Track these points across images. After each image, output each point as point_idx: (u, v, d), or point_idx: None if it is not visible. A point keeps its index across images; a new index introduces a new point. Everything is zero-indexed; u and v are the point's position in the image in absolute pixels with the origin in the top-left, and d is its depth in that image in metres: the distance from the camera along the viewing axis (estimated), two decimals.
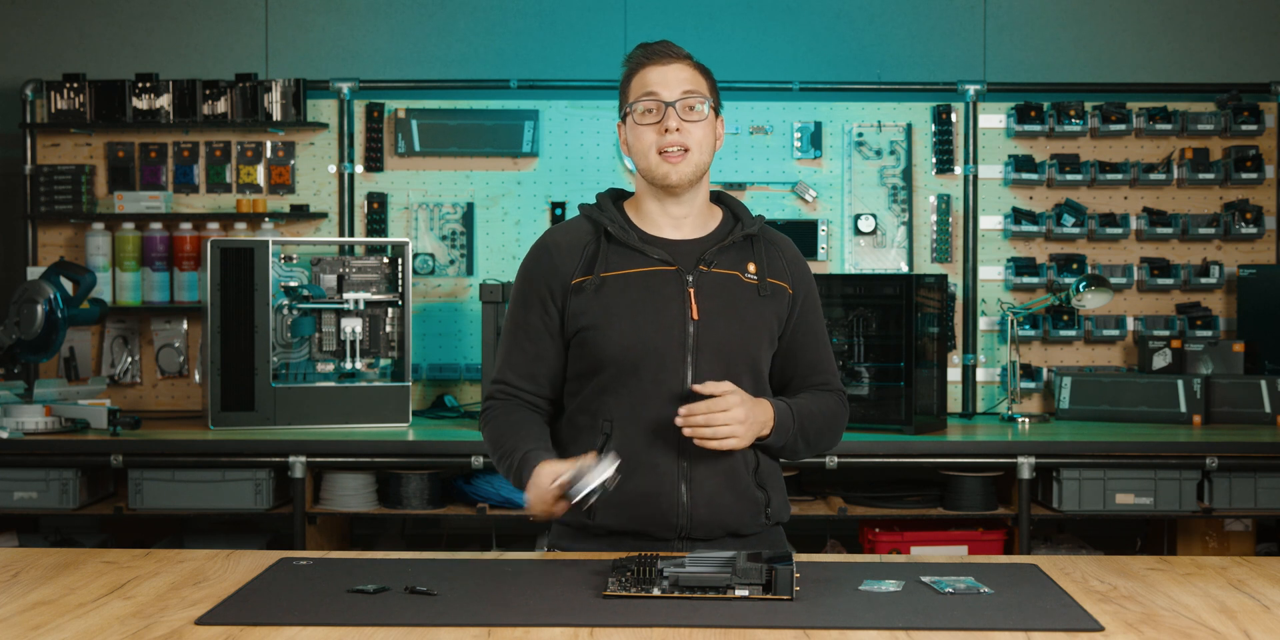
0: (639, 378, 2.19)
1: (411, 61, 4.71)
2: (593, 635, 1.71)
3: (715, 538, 2.23)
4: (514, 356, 2.29)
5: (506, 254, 4.55)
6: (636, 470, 2.18)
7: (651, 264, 2.24)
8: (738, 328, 2.23)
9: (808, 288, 2.34)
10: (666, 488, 2.19)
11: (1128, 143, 4.56)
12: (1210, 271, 4.48)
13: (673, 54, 2.25)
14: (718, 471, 2.21)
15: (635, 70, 2.26)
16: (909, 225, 4.52)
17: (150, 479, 3.78)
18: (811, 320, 2.33)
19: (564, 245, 2.27)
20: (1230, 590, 1.99)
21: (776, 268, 2.30)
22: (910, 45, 4.71)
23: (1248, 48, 4.70)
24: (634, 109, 2.24)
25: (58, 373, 4.42)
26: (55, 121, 4.49)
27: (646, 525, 2.20)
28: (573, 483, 2.05)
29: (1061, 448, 3.82)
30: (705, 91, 2.25)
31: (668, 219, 2.28)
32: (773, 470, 2.30)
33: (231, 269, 4.01)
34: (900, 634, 1.72)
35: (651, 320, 2.20)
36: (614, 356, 2.20)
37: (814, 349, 2.33)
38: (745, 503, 2.24)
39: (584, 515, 2.20)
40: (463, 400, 4.50)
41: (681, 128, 2.21)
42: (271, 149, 4.55)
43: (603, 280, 2.22)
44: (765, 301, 2.26)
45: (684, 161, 2.22)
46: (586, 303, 2.22)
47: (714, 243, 2.28)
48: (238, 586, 1.97)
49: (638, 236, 2.26)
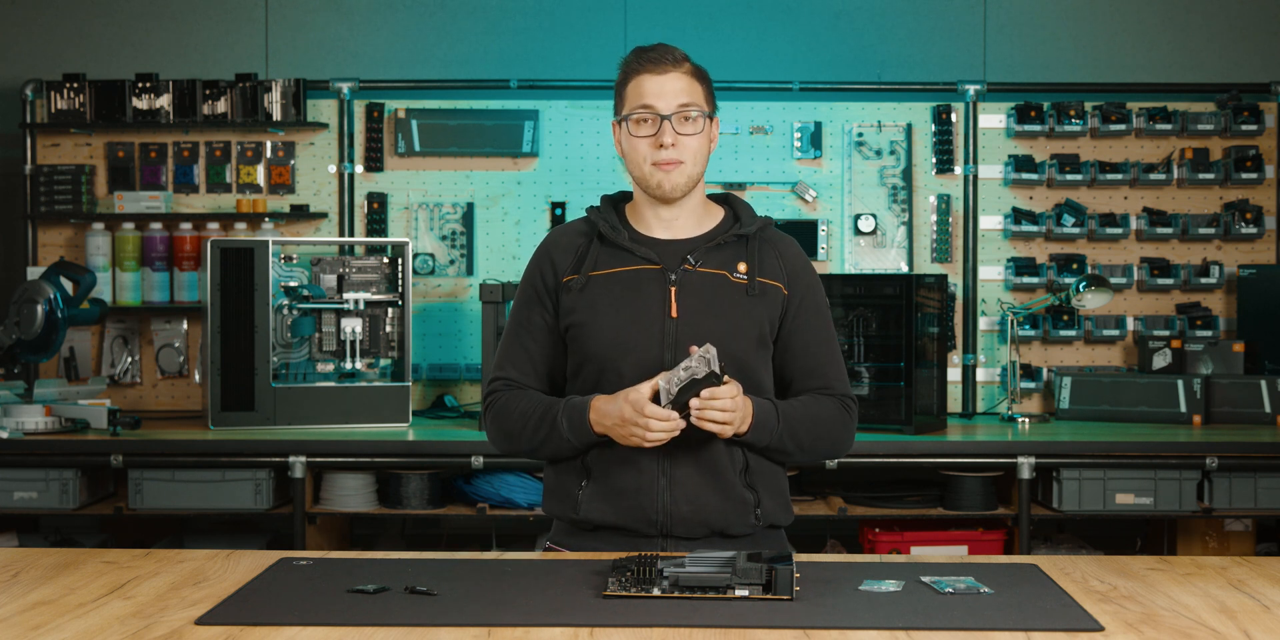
0: (620, 374, 2.21)
1: (411, 61, 4.71)
2: (593, 635, 1.71)
3: (699, 537, 2.23)
4: (514, 352, 2.32)
5: (506, 254, 4.55)
6: (620, 466, 2.21)
7: (637, 263, 2.26)
8: (719, 326, 2.22)
9: (806, 289, 2.32)
10: (646, 483, 2.21)
11: (1128, 143, 4.56)
12: (1210, 271, 4.48)
13: (669, 60, 2.25)
14: (700, 469, 2.21)
15: (631, 76, 2.26)
16: (909, 225, 4.52)
17: (150, 479, 3.78)
18: (812, 322, 2.31)
19: (561, 244, 2.32)
20: (1230, 590, 1.99)
21: (770, 268, 2.30)
22: (910, 45, 4.71)
23: (1248, 48, 4.70)
24: (629, 118, 2.25)
25: (58, 373, 4.42)
26: (55, 121, 4.49)
27: (629, 521, 2.22)
28: (678, 381, 2.02)
29: (1061, 448, 3.82)
30: (701, 101, 2.25)
31: (659, 221, 2.30)
32: (768, 472, 2.28)
33: (231, 269, 4.01)
34: (900, 634, 1.72)
35: (632, 317, 2.23)
36: (597, 352, 2.23)
37: (813, 352, 2.31)
38: (731, 503, 2.23)
39: (572, 512, 2.22)
40: (463, 400, 4.50)
41: (677, 141, 2.22)
42: (271, 149, 4.55)
43: (589, 279, 2.26)
44: (754, 301, 2.26)
45: (677, 172, 2.24)
46: (574, 300, 2.26)
47: (704, 242, 2.29)
48: (238, 586, 1.97)
49: (628, 236, 2.29)
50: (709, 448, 2.21)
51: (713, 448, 2.22)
